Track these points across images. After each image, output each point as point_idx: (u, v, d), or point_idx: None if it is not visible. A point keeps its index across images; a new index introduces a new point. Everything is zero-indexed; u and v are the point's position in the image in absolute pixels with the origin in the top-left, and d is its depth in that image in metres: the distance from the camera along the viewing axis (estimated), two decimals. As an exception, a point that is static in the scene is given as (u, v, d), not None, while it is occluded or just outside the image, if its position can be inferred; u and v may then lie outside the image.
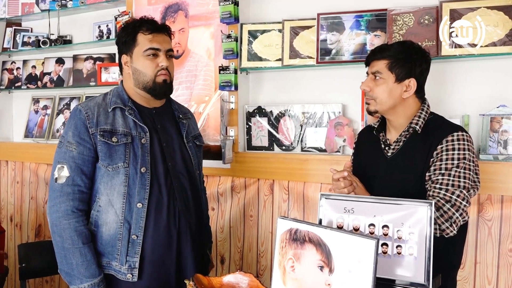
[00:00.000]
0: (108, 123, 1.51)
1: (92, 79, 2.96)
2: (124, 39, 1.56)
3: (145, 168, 1.51)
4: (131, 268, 1.48)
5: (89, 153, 1.49)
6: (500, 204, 1.82)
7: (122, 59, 1.58)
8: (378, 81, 1.48)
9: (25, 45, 3.21)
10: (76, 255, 1.45)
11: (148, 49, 1.52)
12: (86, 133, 1.48)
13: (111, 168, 1.48)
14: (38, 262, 2.01)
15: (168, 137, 1.60)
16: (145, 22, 1.56)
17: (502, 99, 1.87)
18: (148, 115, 1.59)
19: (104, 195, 1.49)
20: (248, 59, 2.33)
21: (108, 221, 1.49)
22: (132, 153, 1.50)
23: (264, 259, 2.35)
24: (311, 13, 2.21)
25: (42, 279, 3.05)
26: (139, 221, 1.49)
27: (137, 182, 1.49)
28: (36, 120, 3.22)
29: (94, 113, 1.51)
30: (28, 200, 3.21)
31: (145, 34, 1.53)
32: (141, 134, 1.53)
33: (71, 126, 1.50)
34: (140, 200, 1.49)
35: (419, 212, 1.18)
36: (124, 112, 1.54)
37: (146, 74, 1.53)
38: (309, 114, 2.26)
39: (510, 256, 1.81)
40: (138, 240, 1.49)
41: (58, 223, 1.46)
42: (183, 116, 1.70)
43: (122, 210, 1.49)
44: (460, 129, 1.43)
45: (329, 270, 1.08)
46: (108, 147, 1.48)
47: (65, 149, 1.49)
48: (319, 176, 2.15)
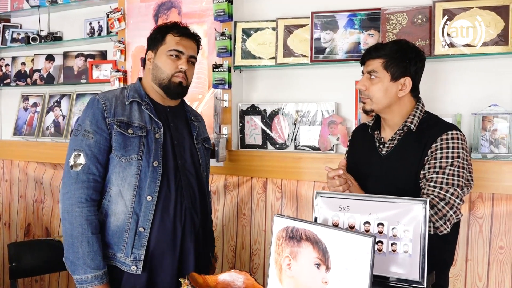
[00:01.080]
0: (125, 115, 1.53)
1: (83, 76, 2.93)
2: (154, 36, 1.62)
3: (158, 162, 1.53)
4: (136, 260, 1.49)
5: (105, 143, 1.50)
6: (491, 202, 1.84)
7: (148, 55, 1.63)
8: (374, 80, 1.49)
9: (14, 41, 3.16)
10: (84, 244, 1.45)
11: (172, 49, 1.57)
12: (103, 123, 1.50)
13: (124, 159, 1.50)
14: (28, 261, 1.99)
15: (179, 135, 1.63)
16: (178, 26, 1.62)
17: (494, 98, 1.89)
18: (163, 112, 1.62)
19: (115, 185, 1.51)
20: (241, 57, 2.32)
21: (117, 211, 1.50)
22: (146, 146, 1.52)
23: (257, 257, 2.35)
24: (305, 11, 2.21)
25: (32, 278, 3.00)
26: (147, 213, 1.50)
27: (148, 175, 1.51)
28: (25, 117, 3.18)
29: (112, 104, 1.53)
30: (17, 198, 3.16)
31: (174, 35, 1.59)
32: (156, 129, 1.56)
33: (88, 115, 1.52)
34: (150, 193, 1.51)
35: (414, 210, 1.19)
36: (141, 106, 1.57)
37: (164, 72, 1.57)
38: (303, 112, 2.26)
39: (500, 253, 1.84)
40: (145, 232, 1.50)
41: (70, 210, 1.46)
42: (194, 118, 1.73)
43: (131, 202, 1.50)
44: (454, 128, 1.45)
45: (326, 268, 1.09)
46: (124, 138, 1.50)
47: (82, 137, 1.50)
48: (312, 174, 2.15)
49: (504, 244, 1.83)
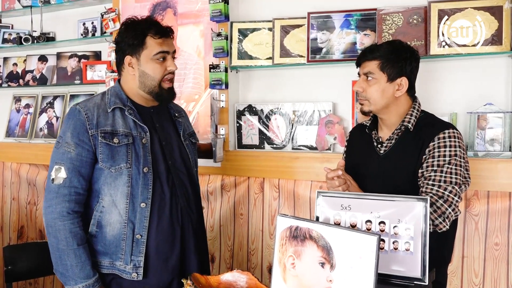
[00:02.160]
0: (108, 124, 1.50)
1: (77, 77, 2.90)
2: (131, 41, 1.52)
3: (147, 168, 1.51)
4: (136, 267, 1.48)
5: (87, 155, 1.47)
6: (486, 200, 1.87)
7: (126, 60, 1.55)
8: (371, 82, 1.50)
9: (6, 42, 3.12)
10: (71, 256, 1.44)
11: (158, 52, 1.52)
12: (86, 135, 1.47)
13: (114, 170, 1.47)
14: (24, 264, 1.97)
15: (167, 135, 1.61)
16: (153, 24, 1.54)
17: (489, 97, 1.92)
18: (147, 115, 1.59)
19: (108, 195, 1.49)
20: (238, 58, 2.32)
21: (111, 221, 1.49)
22: (134, 153, 1.50)
23: (255, 257, 2.35)
24: (301, 12, 2.22)
25: (26, 281, 2.97)
26: (142, 220, 1.49)
27: (140, 182, 1.49)
28: (18, 119, 3.14)
29: (94, 114, 1.49)
30: (9, 201, 3.12)
31: (154, 38, 1.52)
32: (142, 134, 1.53)
33: (69, 127, 1.48)
34: (143, 200, 1.49)
35: (415, 208, 1.20)
36: (123, 112, 1.54)
37: (154, 78, 1.53)
38: (300, 112, 2.27)
39: (496, 249, 1.87)
40: (142, 239, 1.49)
41: (53, 224, 1.45)
42: (178, 114, 1.71)
43: (125, 211, 1.48)
44: (451, 127, 1.47)
45: (330, 267, 1.09)
46: (110, 148, 1.47)
47: (63, 149, 1.47)
48: (309, 174, 2.16)
49: (500, 241, 1.86)
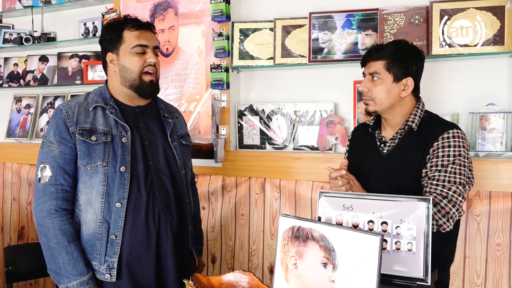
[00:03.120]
0: (88, 122, 1.49)
1: (78, 77, 2.90)
2: (109, 37, 1.54)
3: (125, 167, 1.49)
4: (110, 268, 1.47)
5: (70, 152, 1.48)
6: (488, 200, 1.87)
7: (107, 57, 1.56)
8: (376, 82, 1.49)
9: (6, 42, 3.11)
10: (62, 253, 1.44)
11: (136, 45, 1.51)
12: (67, 132, 1.48)
13: (89, 167, 1.47)
14: (25, 265, 1.98)
15: (151, 135, 1.58)
16: (130, 19, 1.55)
17: (491, 97, 1.92)
18: (131, 114, 1.57)
19: (84, 194, 1.48)
20: (239, 58, 2.32)
21: (87, 220, 1.48)
22: (112, 152, 1.49)
23: (256, 257, 2.35)
24: (302, 12, 2.22)
25: (26, 282, 2.97)
26: (117, 220, 1.48)
27: (116, 182, 1.47)
28: (18, 119, 3.13)
29: (75, 112, 1.50)
30: (10, 201, 3.12)
31: (131, 30, 1.52)
32: (122, 133, 1.52)
33: (52, 126, 1.50)
34: (119, 200, 1.48)
35: (417, 208, 1.20)
36: (105, 111, 1.53)
37: (133, 71, 1.52)
38: (301, 112, 2.26)
39: (497, 250, 1.86)
40: (117, 240, 1.47)
41: (42, 223, 1.45)
42: (169, 115, 1.67)
43: (101, 210, 1.47)
44: (455, 127, 1.47)
45: (333, 267, 1.09)
46: (87, 146, 1.47)
47: (47, 149, 1.48)
48: (311, 174, 2.16)
49: (501, 241, 1.85)
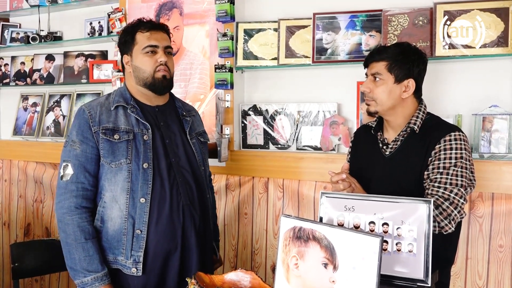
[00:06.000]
0: (110, 121, 1.55)
1: (84, 76, 2.93)
2: (123, 40, 1.61)
3: (147, 163, 1.53)
4: (136, 262, 1.51)
5: (92, 151, 1.53)
6: (490, 201, 1.87)
7: (124, 59, 1.63)
8: (378, 82, 1.51)
9: (14, 41, 3.15)
10: (79, 250, 1.48)
11: (146, 46, 1.57)
12: (89, 132, 1.53)
13: (114, 165, 1.52)
14: (31, 261, 1.99)
15: (171, 133, 1.63)
16: (142, 22, 1.61)
17: (494, 99, 1.91)
18: (151, 113, 1.62)
19: (109, 191, 1.53)
20: (243, 58, 2.33)
21: (113, 216, 1.52)
22: (134, 149, 1.53)
23: (259, 256, 2.36)
24: (306, 12, 2.23)
25: (32, 278, 3.00)
26: (142, 216, 1.52)
27: (139, 178, 1.52)
28: (25, 117, 3.17)
29: (97, 112, 1.55)
30: (16, 198, 3.16)
31: (143, 32, 1.58)
32: (143, 131, 1.56)
33: (75, 126, 1.56)
34: (143, 195, 1.52)
35: (418, 210, 1.21)
36: (126, 110, 1.58)
37: (145, 71, 1.57)
38: (305, 112, 2.27)
39: (500, 251, 1.87)
40: (142, 234, 1.51)
41: (62, 219, 1.50)
42: (187, 113, 1.72)
43: (126, 206, 1.52)
44: (457, 129, 1.47)
45: (334, 267, 1.10)
46: (110, 144, 1.52)
47: (70, 147, 1.54)
48: (314, 174, 2.17)
49: (504, 243, 1.86)
